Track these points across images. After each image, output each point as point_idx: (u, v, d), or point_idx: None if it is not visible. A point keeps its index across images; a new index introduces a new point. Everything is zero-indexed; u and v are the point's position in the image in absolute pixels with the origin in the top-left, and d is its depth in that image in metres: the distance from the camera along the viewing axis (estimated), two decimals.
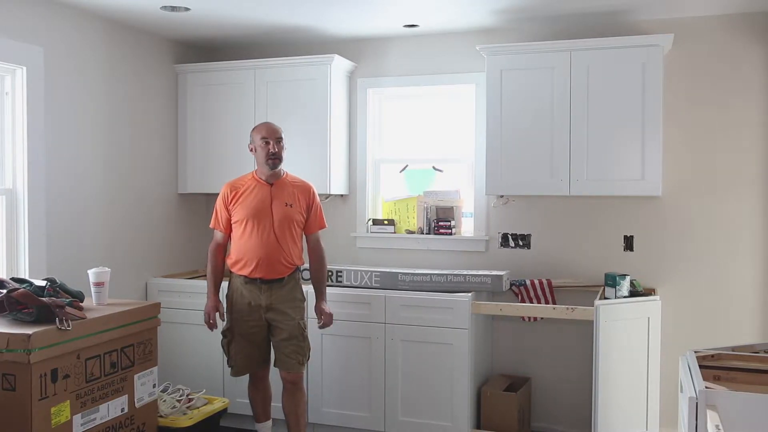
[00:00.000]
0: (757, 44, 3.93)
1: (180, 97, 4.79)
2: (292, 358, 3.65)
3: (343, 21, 4.25)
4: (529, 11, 3.98)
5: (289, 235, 3.65)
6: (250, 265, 3.60)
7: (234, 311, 3.69)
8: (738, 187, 4.01)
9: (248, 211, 3.62)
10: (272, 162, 3.63)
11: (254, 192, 3.65)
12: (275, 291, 3.63)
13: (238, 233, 3.65)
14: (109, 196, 4.24)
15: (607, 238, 4.24)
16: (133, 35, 4.40)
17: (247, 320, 3.66)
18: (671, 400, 3.79)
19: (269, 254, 3.59)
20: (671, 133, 4.05)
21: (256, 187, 3.67)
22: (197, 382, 4.29)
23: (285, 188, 3.69)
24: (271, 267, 3.61)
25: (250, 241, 3.60)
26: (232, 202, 3.67)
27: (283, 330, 3.64)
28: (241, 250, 3.63)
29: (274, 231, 3.60)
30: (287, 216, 3.64)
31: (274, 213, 3.62)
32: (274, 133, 3.64)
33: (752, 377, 2.35)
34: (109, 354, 3.11)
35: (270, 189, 3.66)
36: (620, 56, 3.88)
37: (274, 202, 3.63)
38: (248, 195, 3.64)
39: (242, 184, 3.70)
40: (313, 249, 3.82)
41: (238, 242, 3.66)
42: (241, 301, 3.66)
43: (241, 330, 3.67)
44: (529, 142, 4.05)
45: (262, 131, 3.65)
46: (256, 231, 3.59)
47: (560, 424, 4.34)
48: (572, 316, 3.78)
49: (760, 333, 3.95)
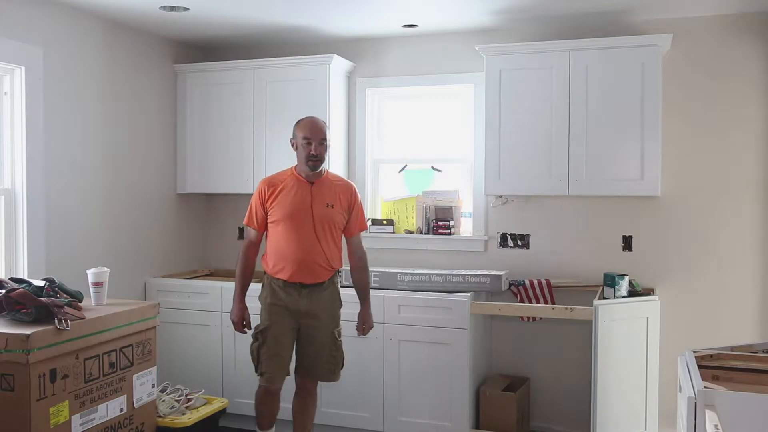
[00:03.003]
0: (755, 44, 3.93)
1: (179, 97, 4.78)
2: (325, 368, 3.50)
3: (342, 21, 4.25)
4: (528, 11, 3.98)
5: (330, 237, 3.44)
6: (289, 268, 3.39)
7: (270, 313, 3.44)
8: (737, 187, 4.01)
9: (287, 211, 3.39)
10: (313, 164, 3.39)
11: (293, 190, 3.41)
12: (315, 296, 3.43)
13: (276, 234, 3.43)
14: (108, 196, 4.24)
15: (606, 238, 4.24)
16: (132, 35, 4.40)
17: (283, 324, 3.43)
18: (670, 400, 3.79)
19: (309, 257, 3.38)
20: (670, 133, 4.05)
21: (296, 185, 3.43)
22: (196, 382, 4.29)
23: (326, 188, 3.46)
24: (311, 271, 3.40)
25: (289, 243, 3.38)
26: (269, 199, 3.43)
27: (316, 338, 3.46)
28: (278, 253, 3.42)
29: (315, 233, 3.38)
30: (328, 217, 3.42)
31: (315, 214, 3.39)
32: (317, 134, 3.39)
33: (751, 377, 2.36)
34: (107, 354, 3.11)
35: (310, 188, 3.43)
36: (619, 56, 3.88)
37: (314, 202, 3.40)
38: (287, 193, 3.41)
39: (280, 181, 3.46)
40: (355, 252, 3.60)
41: (275, 243, 3.44)
42: (278, 304, 3.43)
43: (275, 333, 3.42)
44: (528, 143, 4.05)
45: (305, 130, 3.40)
46: (295, 232, 3.37)
47: (559, 424, 4.34)
48: (571, 316, 3.79)
49: (759, 333, 3.95)
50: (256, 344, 3.45)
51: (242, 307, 3.51)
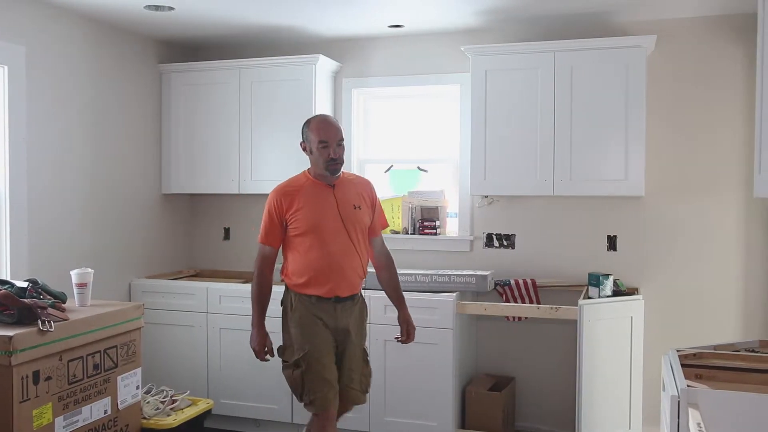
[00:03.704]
0: (737, 45, 3.96)
1: (164, 96, 4.76)
2: (358, 390, 3.19)
3: (327, 21, 4.24)
4: (514, 12, 4.00)
5: (363, 241, 3.16)
6: (325, 283, 3.05)
7: (308, 334, 3.06)
8: (720, 187, 4.05)
9: (314, 221, 3.05)
10: (333, 168, 3.08)
11: (314, 197, 3.09)
12: (348, 310, 3.14)
13: (303, 248, 3.06)
14: (92, 196, 4.21)
15: (591, 238, 4.27)
16: (116, 34, 4.38)
17: (323, 343, 3.07)
18: (654, 399, 3.82)
19: (347, 268, 3.07)
20: (654, 133, 4.08)
21: (315, 190, 3.11)
22: (181, 384, 4.27)
23: (348, 188, 3.17)
24: (349, 282, 3.10)
25: (323, 255, 3.03)
26: (288, 211, 3.07)
27: (351, 357, 3.16)
28: (310, 267, 3.05)
29: (350, 239, 3.08)
30: (358, 220, 3.12)
31: (345, 218, 3.08)
32: (335, 136, 3.07)
33: (733, 375, 2.38)
34: (91, 355, 3.09)
35: (332, 191, 3.11)
36: (604, 57, 3.90)
37: (340, 206, 3.09)
38: (308, 201, 3.07)
39: (296, 189, 3.11)
40: (382, 252, 3.33)
41: (303, 257, 3.06)
42: (314, 322, 3.06)
43: (319, 355, 3.04)
44: (513, 143, 4.07)
45: (320, 133, 3.05)
46: (327, 242, 3.04)
47: (544, 424, 4.36)
48: (556, 315, 3.80)
49: (742, 332, 3.99)
50: (298, 371, 3.05)
51: (263, 333, 3.14)
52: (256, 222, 4.93)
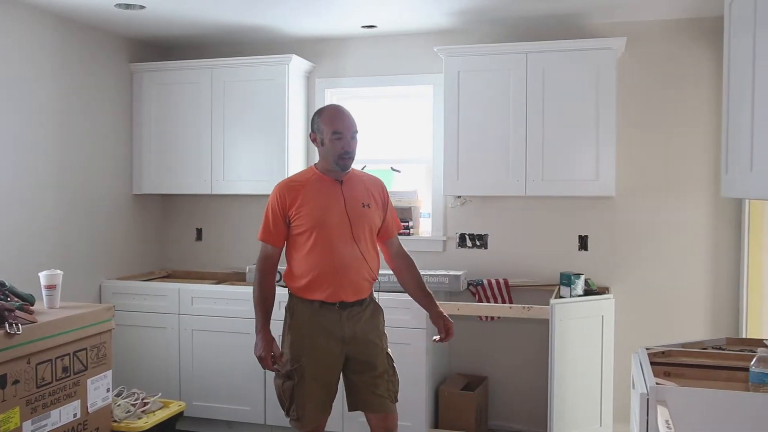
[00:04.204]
0: (706, 48, 4.03)
1: (135, 96, 4.71)
2: (385, 397, 2.95)
3: (301, 21, 4.23)
4: (486, 13, 4.02)
5: (371, 242, 2.96)
6: (327, 286, 2.84)
7: (305, 346, 2.87)
8: (689, 187, 4.11)
9: (318, 217, 2.84)
10: (344, 162, 2.90)
11: (320, 192, 2.89)
12: (357, 316, 2.91)
13: (306, 247, 2.86)
14: (61, 197, 4.15)
15: (563, 238, 4.30)
16: (86, 33, 4.32)
17: (323, 357, 2.88)
18: (625, 396, 3.86)
19: (352, 270, 2.87)
20: (625, 134, 4.12)
21: (321, 185, 2.91)
22: (153, 386, 4.23)
23: (357, 184, 2.97)
24: (354, 286, 2.89)
25: (324, 255, 2.84)
26: (291, 207, 2.86)
27: (372, 364, 2.94)
28: (311, 268, 2.85)
29: (354, 239, 2.87)
30: (367, 219, 2.92)
31: (351, 216, 2.88)
32: (350, 127, 2.90)
33: (700, 373, 2.41)
34: (61, 358, 3.04)
35: (340, 187, 2.92)
36: (575, 59, 3.94)
37: (348, 203, 2.89)
38: (313, 197, 2.87)
39: (301, 184, 2.91)
40: (400, 254, 3.12)
41: (305, 258, 2.87)
42: (315, 333, 2.87)
43: (315, 370, 2.86)
44: (486, 143, 4.09)
45: (334, 123, 2.87)
46: (330, 241, 2.84)
47: (517, 422, 4.39)
48: (528, 315, 3.83)
49: (710, 330, 4.05)
50: (289, 383, 2.86)
51: (269, 338, 2.88)
52: (228, 222, 4.92)
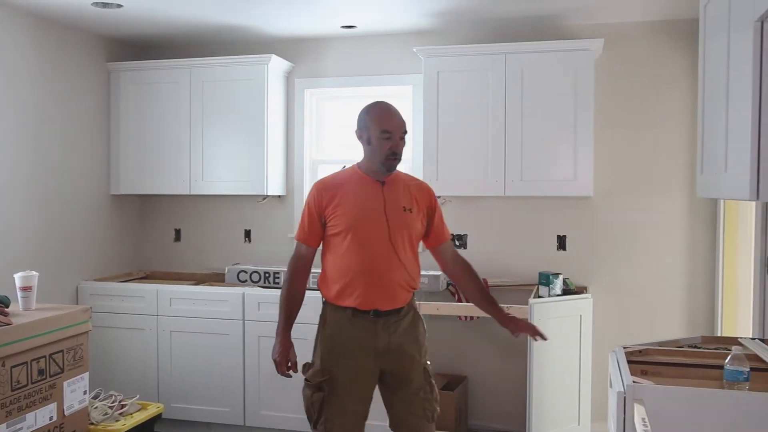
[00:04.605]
0: (682, 49, 4.07)
1: (113, 95, 4.67)
2: (420, 416, 2.78)
3: (280, 21, 4.22)
4: (465, 14, 4.03)
5: (410, 248, 2.76)
6: (359, 291, 2.68)
7: (337, 355, 2.71)
8: (666, 187, 4.15)
9: (354, 218, 2.69)
10: (391, 163, 2.73)
11: (360, 193, 2.74)
12: (393, 326, 2.72)
13: (340, 249, 2.71)
14: (36, 197, 4.10)
15: (541, 238, 4.33)
16: (63, 32, 4.27)
17: (355, 369, 2.70)
18: (602, 395, 3.88)
19: (387, 276, 2.69)
20: (602, 135, 4.16)
21: (362, 185, 2.76)
22: (131, 388, 4.19)
23: (400, 188, 2.80)
24: (390, 294, 2.70)
25: (358, 259, 2.68)
26: (328, 206, 2.73)
27: (407, 379, 2.76)
28: (344, 273, 2.70)
29: (392, 244, 2.69)
30: (406, 224, 2.74)
31: (390, 220, 2.70)
32: (400, 127, 2.73)
33: (677, 371, 2.43)
34: (36, 361, 3.01)
35: (381, 188, 2.76)
36: (553, 60, 3.96)
37: (388, 206, 2.73)
38: (352, 196, 2.73)
39: (341, 183, 2.79)
40: (455, 260, 2.93)
41: (339, 261, 2.72)
42: (347, 343, 2.71)
43: (345, 382, 2.69)
44: (465, 144, 4.10)
45: (384, 122, 2.71)
46: (365, 245, 2.68)
47: (496, 422, 4.41)
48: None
49: (686, 328, 4.09)
50: (318, 395, 2.69)
51: (287, 344, 2.75)
52: (208, 223, 4.90)
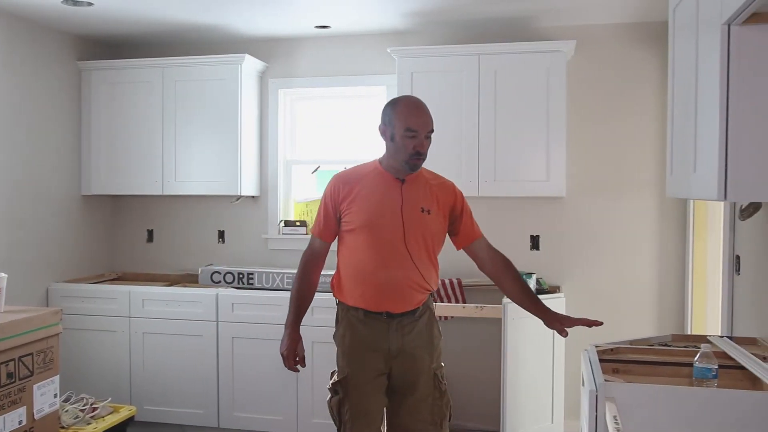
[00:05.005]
0: (652, 51, 4.13)
1: (84, 94, 4.61)
2: (428, 422, 2.68)
3: (254, 20, 4.20)
4: (439, 15, 4.05)
5: (425, 250, 2.66)
6: (370, 292, 2.63)
7: (350, 358, 2.68)
8: (636, 188, 4.20)
9: (369, 216, 2.62)
10: (414, 163, 2.63)
11: (377, 189, 2.66)
12: (407, 328, 2.65)
13: (352, 247, 2.66)
14: (5, 197, 4.03)
15: (515, 238, 4.36)
16: (32, 29, 4.21)
17: (367, 369, 2.66)
18: (575, 393, 3.93)
19: (399, 278, 2.61)
20: (574, 135, 4.20)
21: (381, 182, 2.67)
22: (102, 390, 4.15)
23: (421, 187, 2.70)
24: (402, 295, 2.63)
25: (371, 259, 2.61)
26: (344, 201, 2.65)
27: (413, 383, 2.68)
28: (356, 272, 2.65)
29: (406, 246, 2.61)
30: (422, 225, 2.64)
31: (406, 220, 2.62)
32: (426, 125, 2.61)
33: (647, 369, 2.47)
34: (5, 364, 2.96)
35: (401, 187, 2.67)
36: (526, 61, 3.99)
37: (405, 205, 2.64)
38: (369, 193, 2.65)
39: (360, 178, 2.69)
40: (492, 256, 2.80)
41: (351, 260, 2.67)
42: (359, 344, 2.67)
43: (359, 382, 2.65)
44: (439, 144, 4.05)
45: (409, 119, 2.59)
46: (378, 244, 2.60)
47: (472, 420, 4.42)
48: (481, 314, 3.87)
49: (657, 327, 4.15)
50: (336, 399, 2.68)
51: (295, 338, 2.71)
52: (180, 223, 4.85)
